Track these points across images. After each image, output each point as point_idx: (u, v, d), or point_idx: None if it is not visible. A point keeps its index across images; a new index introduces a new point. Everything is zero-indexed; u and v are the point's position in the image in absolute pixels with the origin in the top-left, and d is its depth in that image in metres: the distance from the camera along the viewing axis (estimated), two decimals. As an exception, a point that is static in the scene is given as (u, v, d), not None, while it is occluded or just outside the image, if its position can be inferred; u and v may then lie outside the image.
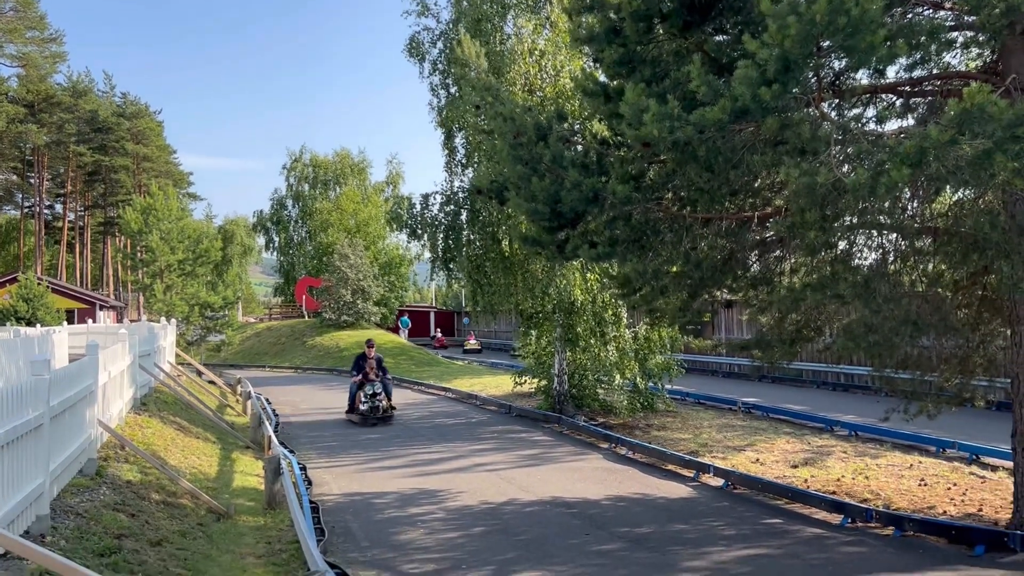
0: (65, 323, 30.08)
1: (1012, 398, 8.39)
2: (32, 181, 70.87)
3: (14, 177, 71.64)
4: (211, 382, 25.07)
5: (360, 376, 18.24)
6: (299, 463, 12.57)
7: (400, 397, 23.48)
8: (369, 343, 19.26)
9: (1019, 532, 8.00)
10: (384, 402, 18.04)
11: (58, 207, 75.68)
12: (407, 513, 10.09)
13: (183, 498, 9.74)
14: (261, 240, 62.14)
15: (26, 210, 74.47)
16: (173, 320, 29.00)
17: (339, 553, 8.35)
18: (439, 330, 53.02)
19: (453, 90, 18.83)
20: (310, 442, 15.64)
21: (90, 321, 35.94)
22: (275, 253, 59.93)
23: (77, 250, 75.04)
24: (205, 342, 35.57)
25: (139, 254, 40.33)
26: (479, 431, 16.66)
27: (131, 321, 40.64)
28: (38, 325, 29.81)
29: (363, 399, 17.90)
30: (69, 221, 74.92)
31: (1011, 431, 8.41)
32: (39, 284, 37.16)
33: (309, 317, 48.37)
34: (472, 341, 46.02)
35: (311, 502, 10.11)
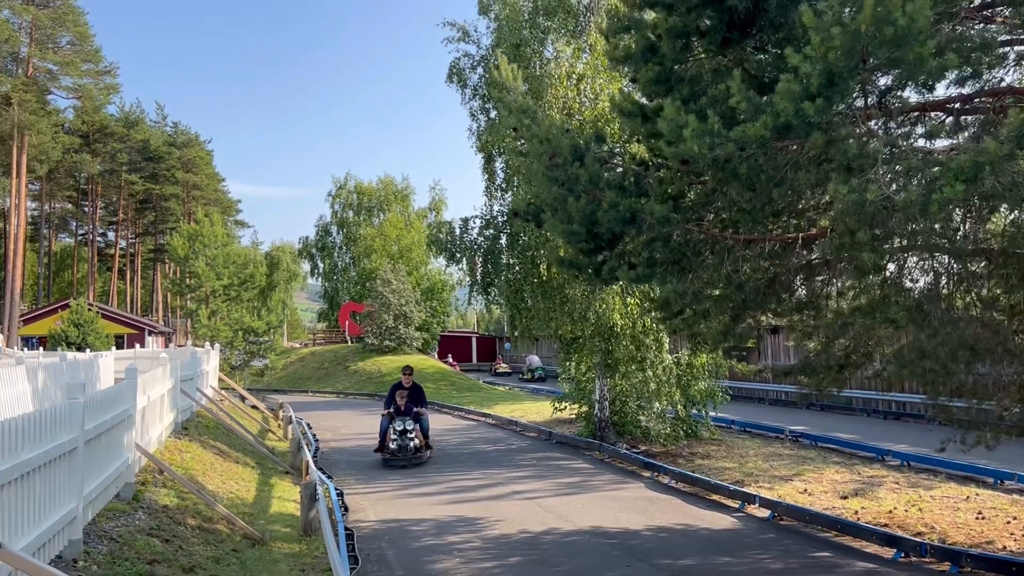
0: (113, 348, 30.62)
1: (1076, 428, 7.97)
2: (86, 209, 72.91)
3: (69, 206, 73.78)
4: (254, 407, 25.22)
5: (391, 409, 16.13)
6: (336, 489, 12.47)
7: (440, 423, 23.38)
8: (406, 371, 16.97)
9: (1087, 570, 7.55)
10: (416, 440, 15.70)
11: (110, 235, 77.75)
12: (444, 541, 9.90)
13: (219, 523, 9.68)
14: (306, 266, 63.06)
15: (80, 237, 76.57)
16: (217, 345, 29.33)
17: (373, 582, 8.20)
18: (450, 355, 52.10)
19: (492, 114, 18.89)
20: (349, 467, 15.56)
21: (138, 346, 36.54)
22: (319, 279, 60.74)
23: (128, 276, 76.83)
24: (249, 367, 35.93)
25: (186, 280, 41.07)
26: (518, 458, 16.44)
27: (178, 346, 41.30)
28: (88, 350, 30.41)
29: (393, 435, 15.65)
30: (120, 248, 76.85)
31: (1076, 463, 7.97)
32: (89, 310, 37.99)
33: (352, 342, 48.68)
34: (502, 365, 46.86)
35: (346, 529, 9.98)
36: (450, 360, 49.62)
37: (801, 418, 21.84)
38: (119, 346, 36.91)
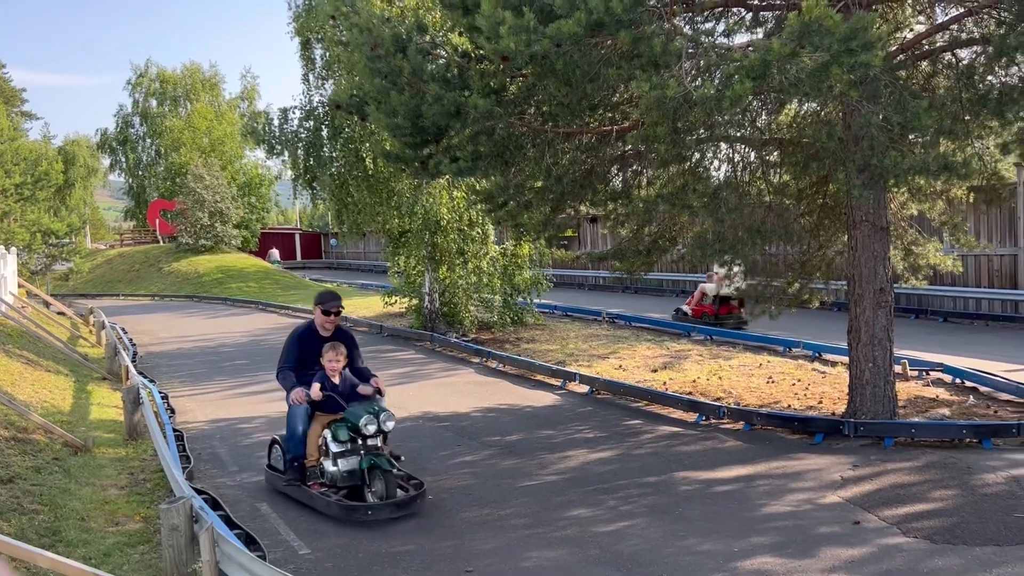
0: None
1: (848, 298, 9.08)
2: None
3: None
4: (60, 313, 23.71)
5: (315, 386, 7.15)
6: (161, 392, 12.18)
7: (267, 322, 23.05)
8: (330, 305, 7.49)
9: (851, 420, 8.78)
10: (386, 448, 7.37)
11: None
12: (277, 436, 9.99)
13: (35, 433, 9.29)
14: (106, 161, 58.05)
15: None
16: (13, 249, 27.02)
17: (207, 479, 8.23)
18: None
19: (310, -3, 17.99)
20: (172, 370, 15.15)
21: (-84, 253, 33.03)
22: (123, 175, 56.35)
23: None
24: (51, 271, 33.48)
25: (-32, 179, 37.12)
26: (349, 351, 16.57)
27: (-36, 251, 37.62)
28: None
29: (334, 444, 7.12)
30: None
31: (847, 328, 9.11)
32: None
33: (164, 242, 46.16)
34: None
35: (175, 430, 9.84)
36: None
37: (617, 301, 23.25)
38: None
